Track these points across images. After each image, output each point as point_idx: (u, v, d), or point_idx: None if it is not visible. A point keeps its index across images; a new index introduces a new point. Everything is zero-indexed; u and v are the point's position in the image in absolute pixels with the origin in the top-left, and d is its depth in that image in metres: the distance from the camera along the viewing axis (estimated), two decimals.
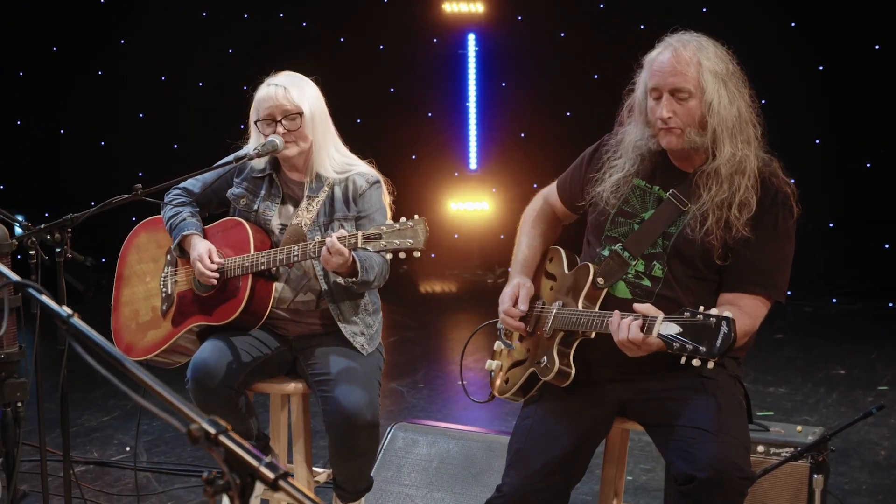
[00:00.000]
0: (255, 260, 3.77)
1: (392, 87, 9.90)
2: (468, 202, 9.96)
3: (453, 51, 9.77)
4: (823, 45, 8.58)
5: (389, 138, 9.47)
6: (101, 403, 6.22)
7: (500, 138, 9.76)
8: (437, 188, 9.89)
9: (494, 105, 9.76)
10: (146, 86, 10.00)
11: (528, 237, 3.63)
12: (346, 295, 3.85)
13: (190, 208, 4.00)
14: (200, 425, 1.56)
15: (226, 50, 9.90)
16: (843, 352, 7.32)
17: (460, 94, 9.81)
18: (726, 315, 2.83)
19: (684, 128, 3.20)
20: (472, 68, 9.78)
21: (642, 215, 3.32)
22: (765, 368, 6.83)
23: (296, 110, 3.79)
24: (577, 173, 3.56)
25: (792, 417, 5.83)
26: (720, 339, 2.81)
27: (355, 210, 3.86)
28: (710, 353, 2.83)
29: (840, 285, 8.76)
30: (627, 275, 3.29)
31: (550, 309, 3.36)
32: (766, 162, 3.27)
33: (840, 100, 8.58)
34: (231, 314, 3.81)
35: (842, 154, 8.64)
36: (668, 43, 3.27)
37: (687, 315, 2.88)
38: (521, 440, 3.34)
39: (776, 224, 3.22)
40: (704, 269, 3.24)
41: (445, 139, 9.90)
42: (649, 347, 3.00)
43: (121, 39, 10.01)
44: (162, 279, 4.03)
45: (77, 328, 1.69)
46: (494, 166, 9.80)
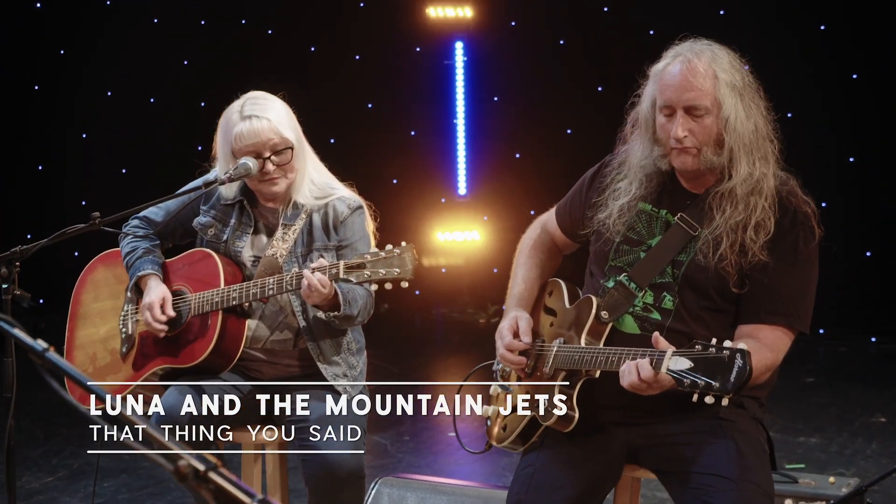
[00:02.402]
0: (226, 294, 3.92)
1: (370, 103, 10.05)
2: (457, 232, 10.10)
3: (439, 61, 9.92)
4: (858, 50, 8.73)
5: (367, 160, 9.62)
6: (43, 462, 6.28)
7: (493, 160, 9.90)
8: (422, 216, 10.03)
9: (485, 122, 9.91)
10: (90, 103, 10.11)
11: (524, 269, 3.79)
12: (326, 332, 4.00)
13: (148, 242, 4.16)
14: (189, 462, 1.72)
15: (180, 61, 10.04)
16: (884, 397, 7.44)
17: (447, 109, 9.96)
18: (741, 347, 2.97)
19: (701, 147, 3.35)
20: (460, 80, 9.95)
21: (649, 242, 3.47)
22: (794, 416, 6.95)
23: (285, 144, 3.95)
24: (577, 198, 3.72)
25: (825, 470, 5.84)
26: (735, 373, 2.95)
27: (336, 239, 4.01)
28: (725, 389, 2.96)
29: (879, 322, 8.88)
30: (634, 307, 3.44)
31: (551, 347, 3.51)
32: (783, 180, 3.43)
33: (878, 112, 8.72)
34: (199, 355, 3.95)
35: (882, 174, 8.77)
36: (679, 53, 3.40)
37: (698, 348, 3.02)
38: (522, 491, 3.48)
39: (796, 247, 3.36)
40: (719, 299, 3.39)
41: (431, 161, 10.05)
42: (661, 385, 3.13)
43: (59, 49, 10.12)
44: (121, 318, 4.17)
45: (54, 363, 1.84)
46: (486, 191, 9.93)
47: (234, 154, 3.94)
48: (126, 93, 10.13)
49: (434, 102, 9.97)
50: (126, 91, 10.12)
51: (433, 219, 10.09)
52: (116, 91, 10.17)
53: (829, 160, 8.76)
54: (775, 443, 3.55)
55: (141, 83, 10.05)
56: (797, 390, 7.51)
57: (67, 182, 10.06)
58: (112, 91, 10.17)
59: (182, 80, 9.87)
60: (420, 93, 10.00)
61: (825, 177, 8.77)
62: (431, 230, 10.09)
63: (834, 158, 8.78)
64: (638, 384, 3.14)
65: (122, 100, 10.13)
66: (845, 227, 8.62)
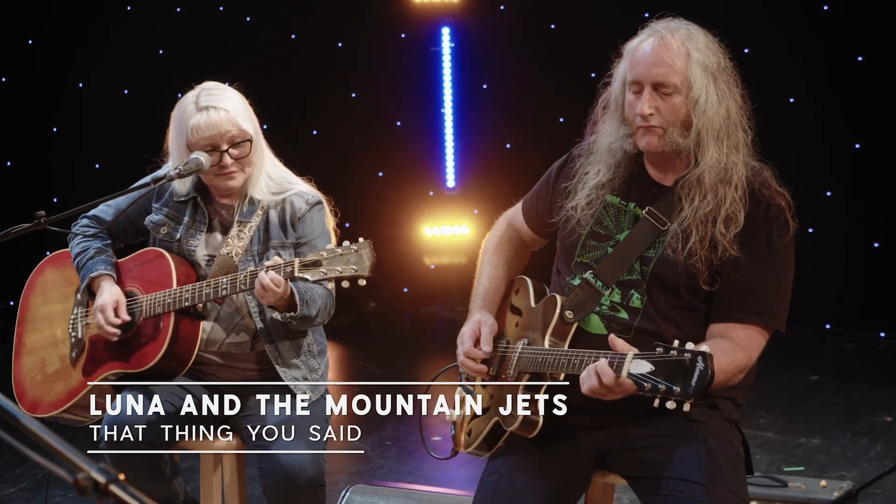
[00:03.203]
0: (178, 295, 3.94)
1: (353, 92, 10.05)
2: (445, 226, 10.10)
3: (425, 47, 9.92)
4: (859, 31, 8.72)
5: (351, 152, 9.64)
6: (5, 473, 6.29)
7: (482, 150, 9.91)
8: (409, 210, 10.04)
9: (474, 111, 9.91)
10: (61, 94, 10.12)
11: (489, 267, 3.80)
12: (285, 334, 4.01)
13: (99, 241, 4.17)
14: (88, 474, 1.72)
15: (155, 50, 10.05)
16: (892, 396, 7.43)
17: (434, 98, 9.96)
18: (703, 350, 2.97)
19: (666, 127, 3.36)
20: (447, 68, 9.94)
21: (617, 237, 3.48)
22: (795, 416, 6.94)
23: (244, 136, 3.96)
24: (544, 189, 3.74)
25: (826, 473, 5.89)
26: (695, 378, 2.95)
27: (294, 236, 4.02)
28: (685, 394, 2.96)
29: (888, 317, 8.84)
30: (601, 307, 3.44)
31: (515, 348, 3.52)
32: (756, 171, 3.43)
33: (883, 95, 8.70)
34: (151, 359, 3.97)
35: (890, 162, 8.75)
36: (654, 30, 3.42)
37: (659, 351, 3.03)
38: (486, 499, 3.49)
39: (769, 241, 3.36)
40: (690, 297, 3.39)
41: (417, 152, 10.05)
42: (624, 390, 3.13)
43: (28, 38, 10.13)
44: (71, 322, 4.18)
45: None
46: (476, 183, 9.93)
47: (189, 147, 3.96)
48: (99, 84, 10.12)
49: (420, 91, 9.97)
50: (99, 82, 10.12)
51: (421, 213, 10.08)
52: (89, 82, 10.16)
53: (836, 147, 8.74)
54: (775, 444, 3.56)
55: (114, 74, 10.05)
56: (800, 389, 7.52)
57: (37, 179, 10.05)
58: (84, 82, 10.16)
59: (157, 70, 9.87)
60: (406, 81, 10.00)
61: (831, 164, 8.77)
62: (419, 225, 10.08)
63: (840, 145, 8.76)
64: (599, 389, 3.15)
65: (95, 91, 10.12)
66: (851, 216, 8.63)
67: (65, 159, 10.11)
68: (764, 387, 7.12)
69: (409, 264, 10.03)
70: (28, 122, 10.16)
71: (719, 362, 3.07)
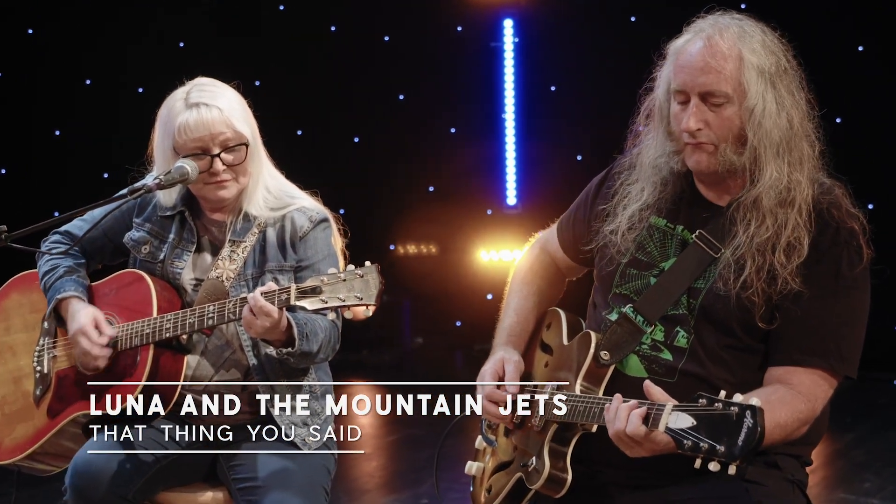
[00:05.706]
0: (158, 325, 3.92)
1: (401, 94, 10.08)
2: (504, 250, 10.09)
3: (484, 44, 9.93)
4: None
5: (398, 163, 9.65)
6: None
7: (548, 163, 9.88)
8: (463, 231, 10.03)
9: (540, 117, 9.89)
10: (65, 93, 10.24)
11: (518, 297, 3.80)
12: (282, 372, 3.99)
13: (70, 260, 4.17)
14: None
15: (175, 43, 10.13)
16: None
17: (494, 102, 9.97)
18: (751, 403, 2.92)
19: (718, 143, 3.33)
20: (509, 67, 9.95)
21: (661, 265, 3.46)
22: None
23: (238, 140, 3.96)
24: (581, 209, 3.75)
25: None
26: (743, 436, 2.89)
27: (294, 258, 4.01)
28: (731, 455, 2.91)
29: None
30: (642, 346, 3.42)
31: (543, 391, 3.48)
32: (825, 189, 3.38)
33: None
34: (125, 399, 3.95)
35: None
36: (700, 28, 3.39)
37: (702, 402, 2.98)
38: None
39: (838, 270, 3.30)
40: (744, 336, 3.35)
41: (473, 164, 10.05)
42: (654, 446, 3.10)
43: (28, 29, 10.24)
44: (36, 355, 4.18)
45: None
46: (541, 201, 9.86)
47: (175, 150, 3.96)
48: (109, 81, 10.22)
49: (478, 93, 9.99)
50: (109, 79, 10.22)
51: (477, 234, 10.07)
52: (97, 79, 10.26)
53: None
54: None
55: (127, 69, 10.13)
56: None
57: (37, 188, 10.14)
58: (92, 79, 10.26)
59: (176, 65, 9.84)
60: (461, 81, 10.02)
61: None
62: (474, 248, 10.07)
63: None
64: (625, 438, 3.11)
65: (103, 89, 10.22)
66: None
67: (68, 167, 10.22)
68: (872, 442, 7.01)
69: (463, 294, 9.99)
70: (28, 124, 10.26)
71: (776, 415, 3.05)
